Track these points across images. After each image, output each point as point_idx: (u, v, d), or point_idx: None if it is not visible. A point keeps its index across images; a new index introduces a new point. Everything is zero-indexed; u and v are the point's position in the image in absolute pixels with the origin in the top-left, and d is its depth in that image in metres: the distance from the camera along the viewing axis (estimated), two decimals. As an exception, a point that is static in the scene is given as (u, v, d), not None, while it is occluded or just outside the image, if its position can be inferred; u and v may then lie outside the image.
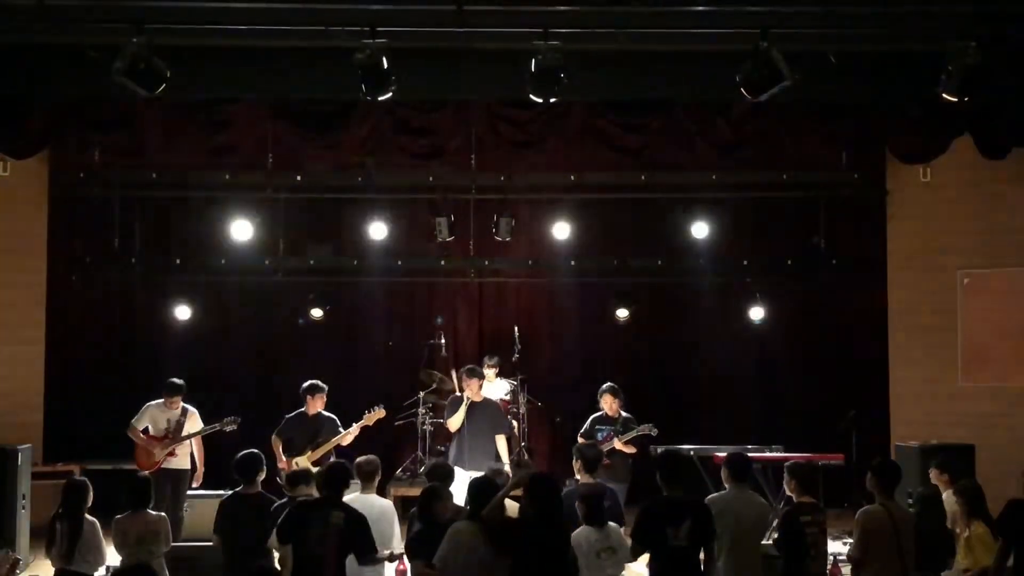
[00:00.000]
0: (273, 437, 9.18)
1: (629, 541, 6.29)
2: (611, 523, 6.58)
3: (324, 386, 9.34)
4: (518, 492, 6.07)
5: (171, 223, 11.94)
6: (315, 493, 6.68)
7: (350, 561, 6.23)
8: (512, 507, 6.28)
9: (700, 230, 11.39)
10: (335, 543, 6.04)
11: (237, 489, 7.22)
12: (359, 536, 6.15)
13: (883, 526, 6.32)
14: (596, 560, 6.29)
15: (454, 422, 9.50)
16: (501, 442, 9.49)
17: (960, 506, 7.24)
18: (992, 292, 11.18)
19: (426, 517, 6.34)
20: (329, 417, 9.34)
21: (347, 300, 12.04)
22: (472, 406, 9.45)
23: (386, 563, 6.68)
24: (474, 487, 6.18)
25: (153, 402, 9.33)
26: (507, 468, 9.09)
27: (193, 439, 9.30)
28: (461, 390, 9.71)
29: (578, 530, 6.37)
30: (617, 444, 9.17)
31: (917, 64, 8.42)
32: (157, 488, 8.06)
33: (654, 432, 9.39)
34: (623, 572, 6.65)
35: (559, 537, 5.80)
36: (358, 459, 7.28)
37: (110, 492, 7.95)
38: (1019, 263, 11.02)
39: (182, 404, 9.32)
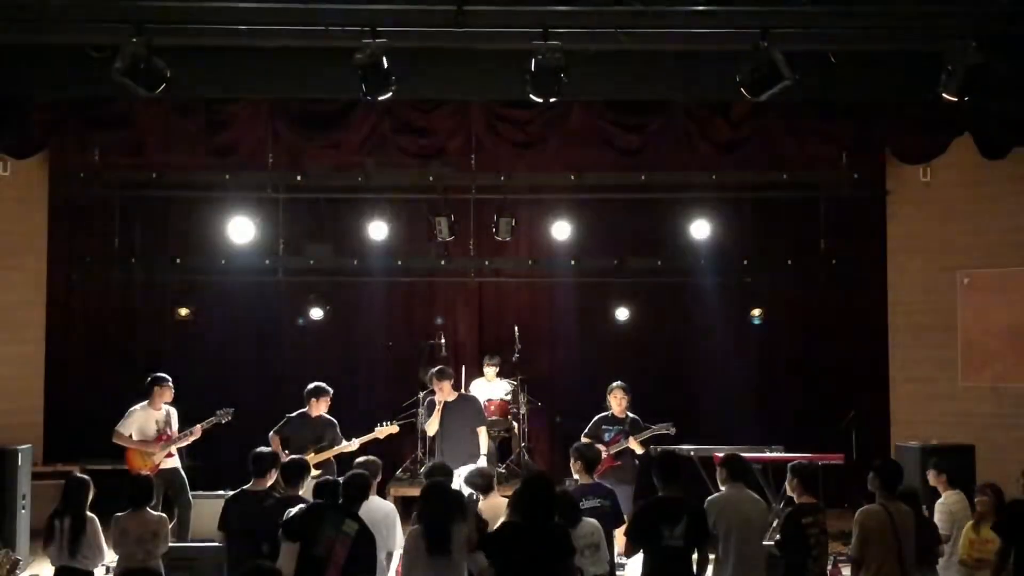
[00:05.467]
0: (271, 435, 9.13)
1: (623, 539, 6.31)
2: (588, 519, 6.54)
3: (329, 389, 9.30)
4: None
5: (171, 223, 11.93)
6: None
7: None
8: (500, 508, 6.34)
9: (700, 230, 11.37)
10: (343, 551, 6.05)
11: (244, 486, 7.17)
12: (363, 556, 6.15)
13: (882, 526, 6.33)
14: (580, 558, 6.24)
15: (430, 427, 9.49)
16: (482, 434, 9.43)
17: (988, 505, 7.20)
18: (992, 292, 11.17)
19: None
20: (330, 420, 9.32)
21: (347, 300, 12.03)
22: (446, 406, 9.39)
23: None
24: (424, 494, 6.20)
25: (137, 406, 9.25)
26: (484, 462, 9.09)
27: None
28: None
29: None
30: (632, 444, 9.13)
31: (917, 64, 8.42)
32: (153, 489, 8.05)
33: (672, 431, 9.36)
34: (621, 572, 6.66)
35: (549, 540, 5.78)
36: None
37: (110, 492, 7.93)
38: (1019, 263, 11.02)
39: (164, 405, 9.29)
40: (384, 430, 9.38)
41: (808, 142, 10.99)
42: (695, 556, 6.19)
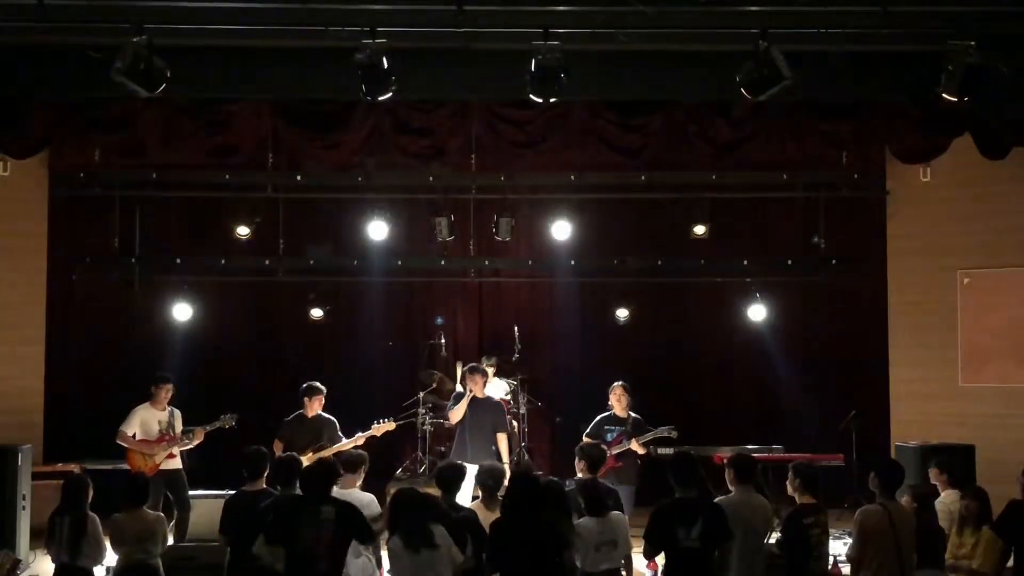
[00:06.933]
0: (275, 442, 9.13)
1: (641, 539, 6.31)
2: (615, 513, 6.57)
3: (322, 388, 9.33)
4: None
5: (171, 223, 11.94)
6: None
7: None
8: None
9: (700, 230, 11.40)
10: (328, 538, 6.06)
11: (243, 487, 7.18)
12: (355, 523, 6.17)
13: (882, 526, 6.32)
14: (595, 553, 6.28)
15: (456, 414, 9.47)
16: (502, 440, 9.50)
17: (972, 510, 7.19)
18: (992, 292, 11.17)
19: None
20: (328, 419, 9.32)
21: (347, 300, 12.04)
22: (474, 401, 9.41)
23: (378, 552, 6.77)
24: (396, 500, 6.21)
25: (140, 406, 9.26)
26: (507, 466, 9.11)
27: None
28: (464, 387, 9.72)
29: (580, 520, 6.40)
30: (634, 445, 9.12)
31: (917, 64, 8.42)
32: (154, 489, 8.06)
33: (673, 434, 9.35)
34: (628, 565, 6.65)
35: (538, 534, 5.79)
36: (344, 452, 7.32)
37: (110, 492, 7.93)
38: (1019, 263, 11.01)
39: (168, 406, 9.30)
40: (381, 427, 9.41)
41: (808, 142, 10.98)
42: (716, 556, 6.18)
